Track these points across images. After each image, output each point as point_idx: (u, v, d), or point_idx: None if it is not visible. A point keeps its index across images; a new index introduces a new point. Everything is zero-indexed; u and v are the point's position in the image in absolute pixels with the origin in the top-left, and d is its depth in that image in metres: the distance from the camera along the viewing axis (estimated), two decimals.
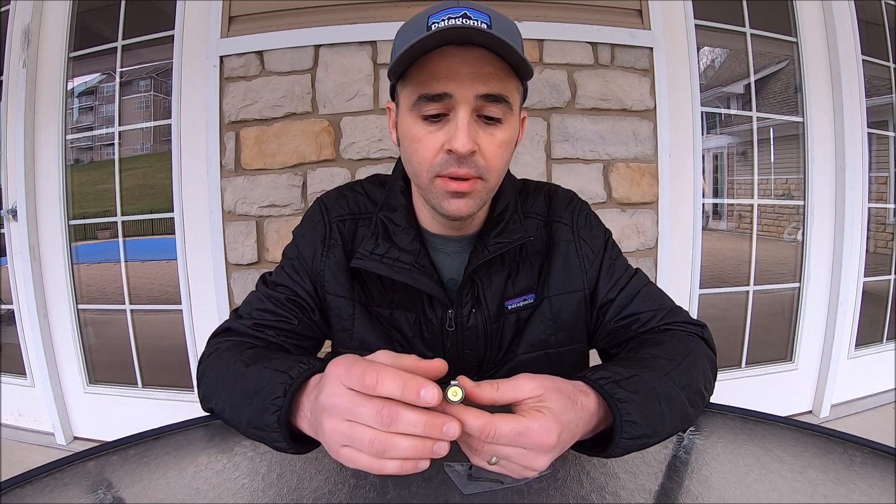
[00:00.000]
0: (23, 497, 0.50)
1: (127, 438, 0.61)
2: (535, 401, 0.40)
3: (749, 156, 1.98)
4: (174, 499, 0.50)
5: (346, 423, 0.36)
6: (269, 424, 0.45)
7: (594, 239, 0.70)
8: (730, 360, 1.97)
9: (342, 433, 0.36)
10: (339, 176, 1.62)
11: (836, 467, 0.55)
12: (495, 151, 0.56)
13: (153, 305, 1.91)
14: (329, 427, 0.37)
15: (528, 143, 1.65)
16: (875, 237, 2.13)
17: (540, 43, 1.63)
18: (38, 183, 1.83)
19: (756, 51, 1.92)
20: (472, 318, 0.65)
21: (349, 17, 1.60)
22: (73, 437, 1.92)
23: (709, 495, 0.49)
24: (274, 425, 0.44)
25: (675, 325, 0.63)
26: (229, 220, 1.65)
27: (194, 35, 1.67)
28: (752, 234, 1.95)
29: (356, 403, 0.36)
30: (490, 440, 0.37)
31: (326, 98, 1.61)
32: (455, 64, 0.52)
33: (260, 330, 0.63)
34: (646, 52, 1.69)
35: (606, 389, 0.44)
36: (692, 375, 0.53)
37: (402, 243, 0.63)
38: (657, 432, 0.47)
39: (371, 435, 0.35)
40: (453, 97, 0.53)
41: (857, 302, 2.01)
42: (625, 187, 1.69)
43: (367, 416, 0.35)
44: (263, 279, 0.70)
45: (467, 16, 0.52)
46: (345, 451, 0.37)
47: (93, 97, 1.94)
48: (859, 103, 1.92)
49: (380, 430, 0.35)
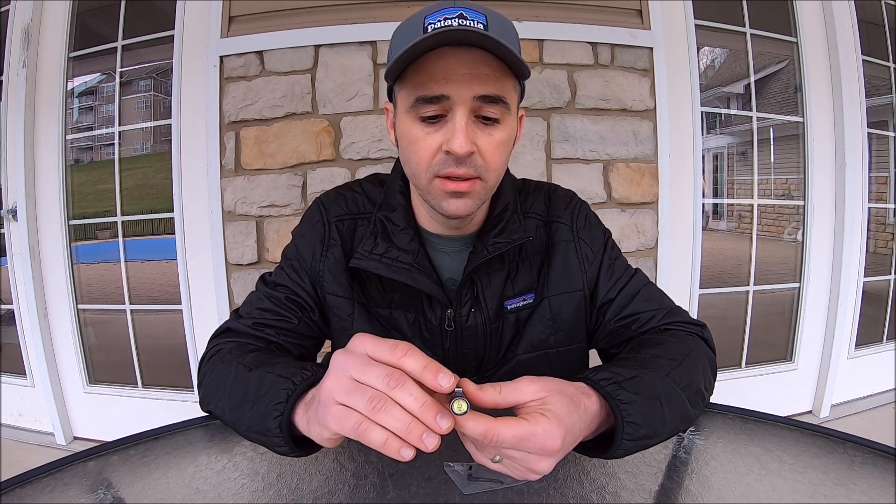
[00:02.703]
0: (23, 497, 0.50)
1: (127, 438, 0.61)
2: (537, 403, 0.40)
3: (749, 156, 1.98)
4: (174, 499, 0.50)
5: (351, 379, 0.36)
6: (271, 429, 0.45)
7: (594, 239, 0.70)
8: (730, 360, 1.97)
9: (343, 388, 0.37)
10: (339, 176, 1.62)
11: (836, 467, 0.55)
12: (493, 151, 0.56)
13: (153, 305, 1.91)
14: (331, 382, 0.38)
15: (528, 143, 1.65)
16: (875, 237, 2.13)
17: (540, 43, 1.63)
18: (38, 183, 1.83)
19: (756, 51, 1.92)
20: (472, 317, 0.65)
21: (349, 17, 1.60)
22: (73, 437, 1.92)
23: (709, 495, 0.49)
24: (276, 430, 0.45)
25: (675, 324, 0.63)
26: (229, 220, 1.65)
27: (194, 35, 1.67)
28: (752, 234, 1.95)
29: (368, 363, 0.36)
30: (493, 445, 0.37)
31: (326, 98, 1.61)
32: (452, 65, 0.52)
33: (260, 329, 0.63)
34: (646, 52, 1.69)
35: (608, 391, 0.44)
36: (692, 375, 0.53)
37: (401, 243, 0.63)
38: (658, 433, 0.47)
39: (372, 393, 0.35)
40: (451, 99, 0.53)
41: (857, 302, 2.01)
42: (625, 187, 1.69)
43: (376, 374, 0.36)
44: (263, 279, 0.70)
45: (463, 16, 0.51)
46: (336, 408, 0.37)
47: (93, 97, 1.94)
48: (859, 103, 1.92)
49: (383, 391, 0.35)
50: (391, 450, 0.35)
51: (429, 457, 0.55)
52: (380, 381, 0.35)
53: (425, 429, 0.34)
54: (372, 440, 0.35)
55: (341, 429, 0.37)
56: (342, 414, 0.36)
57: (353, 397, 0.36)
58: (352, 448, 0.58)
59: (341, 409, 0.36)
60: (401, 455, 0.34)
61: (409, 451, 0.34)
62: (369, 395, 0.35)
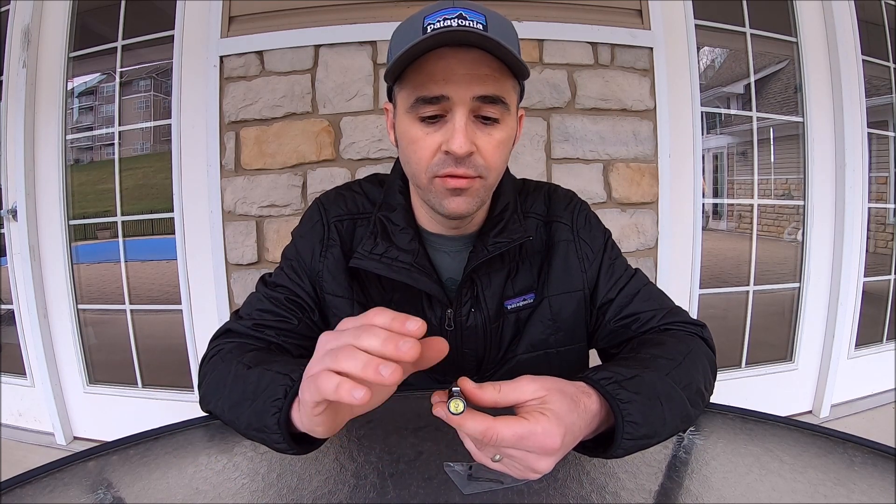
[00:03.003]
0: (23, 497, 0.50)
1: (127, 438, 0.61)
2: (537, 403, 0.40)
3: (749, 156, 1.98)
4: (174, 499, 0.50)
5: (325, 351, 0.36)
6: (270, 426, 0.45)
7: (594, 239, 0.70)
8: (730, 360, 1.97)
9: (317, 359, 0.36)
10: (339, 176, 1.62)
11: (836, 467, 0.54)
12: (493, 151, 0.56)
13: (153, 305, 1.91)
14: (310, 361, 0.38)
15: (528, 143, 1.65)
16: (875, 237, 2.13)
17: (540, 43, 1.63)
18: (38, 183, 1.83)
19: (756, 51, 1.92)
20: (472, 317, 0.65)
21: (349, 17, 1.60)
22: (73, 437, 1.92)
23: (709, 495, 0.49)
24: (274, 427, 0.45)
25: (676, 324, 0.63)
26: (229, 220, 1.65)
27: (194, 35, 1.67)
28: (752, 234, 1.95)
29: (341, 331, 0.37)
30: (492, 444, 0.37)
31: (326, 98, 1.61)
32: (451, 66, 0.52)
33: (260, 330, 0.63)
34: (646, 52, 1.69)
35: (608, 390, 0.45)
36: (692, 375, 0.53)
37: (400, 243, 0.63)
38: (658, 432, 0.47)
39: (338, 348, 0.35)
40: (450, 99, 0.53)
41: (857, 302, 2.01)
42: (625, 187, 1.69)
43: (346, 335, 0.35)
44: (263, 280, 0.70)
45: (463, 16, 0.52)
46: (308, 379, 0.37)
47: (93, 97, 1.94)
48: (859, 103, 1.92)
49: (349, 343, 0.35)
50: (343, 393, 0.33)
51: (429, 457, 0.55)
52: (348, 337, 0.35)
53: (381, 361, 0.33)
54: (325, 390, 0.34)
55: (310, 394, 0.36)
56: (311, 379, 0.36)
57: (326, 359, 0.35)
58: (352, 448, 0.58)
59: (312, 376, 0.36)
60: (352, 396, 0.33)
61: (359, 391, 0.33)
62: (338, 350, 0.35)
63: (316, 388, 0.35)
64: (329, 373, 0.34)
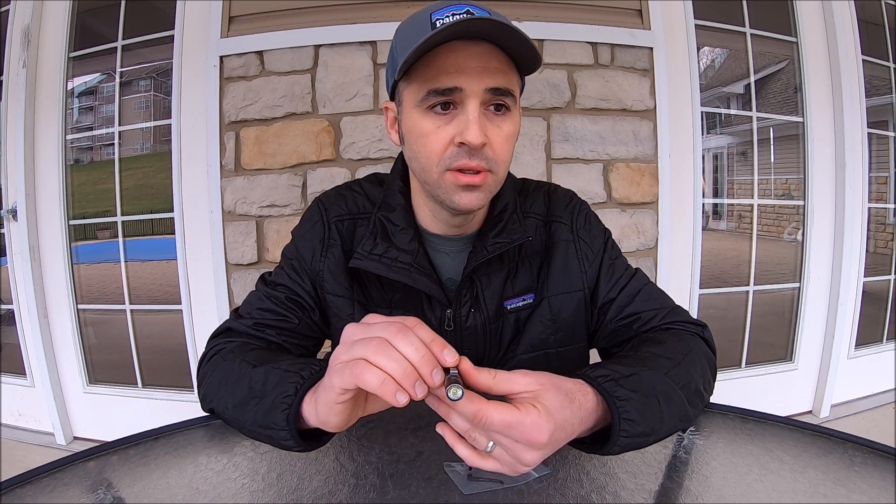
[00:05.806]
0: (23, 497, 0.50)
1: (127, 438, 0.61)
2: (530, 395, 0.40)
3: (749, 156, 1.98)
4: (174, 499, 0.50)
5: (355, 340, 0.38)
6: (278, 422, 0.46)
7: (594, 239, 0.70)
8: (730, 360, 1.97)
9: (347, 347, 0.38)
10: (339, 176, 1.62)
11: (836, 467, 0.54)
12: (503, 144, 0.56)
13: (153, 305, 1.91)
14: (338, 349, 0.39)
15: (528, 143, 1.65)
16: (875, 237, 2.13)
17: (540, 43, 1.63)
18: (38, 183, 1.83)
19: (756, 51, 1.92)
20: (471, 318, 0.65)
21: (349, 17, 1.60)
22: (73, 437, 1.92)
23: (709, 495, 0.49)
24: (282, 423, 0.45)
25: (676, 324, 0.63)
26: (229, 220, 1.65)
27: (194, 35, 1.67)
28: (752, 234, 1.95)
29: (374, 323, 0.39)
30: (481, 426, 0.38)
31: (326, 98, 1.61)
32: (463, 58, 0.52)
33: (260, 329, 0.63)
34: (646, 52, 1.69)
35: (605, 387, 0.45)
36: (691, 375, 0.53)
37: (400, 243, 0.63)
38: (655, 431, 0.47)
39: (376, 340, 0.37)
40: (463, 91, 0.53)
41: (857, 302, 2.01)
42: (625, 187, 1.69)
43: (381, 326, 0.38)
44: (263, 279, 0.70)
45: (470, 12, 0.52)
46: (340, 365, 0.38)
47: (93, 97, 1.94)
48: (859, 103, 1.92)
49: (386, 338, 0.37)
50: (387, 392, 0.35)
51: (429, 457, 0.55)
52: (384, 331, 0.37)
53: (419, 377, 0.35)
54: (368, 381, 0.36)
55: (342, 381, 0.38)
56: (345, 366, 0.37)
57: (356, 348, 0.37)
58: (352, 448, 0.58)
59: (344, 363, 0.38)
60: (396, 399, 0.35)
61: (404, 395, 0.35)
62: (373, 342, 0.37)
63: (352, 374, 0.36)
64: (368, 364, 0.36)
